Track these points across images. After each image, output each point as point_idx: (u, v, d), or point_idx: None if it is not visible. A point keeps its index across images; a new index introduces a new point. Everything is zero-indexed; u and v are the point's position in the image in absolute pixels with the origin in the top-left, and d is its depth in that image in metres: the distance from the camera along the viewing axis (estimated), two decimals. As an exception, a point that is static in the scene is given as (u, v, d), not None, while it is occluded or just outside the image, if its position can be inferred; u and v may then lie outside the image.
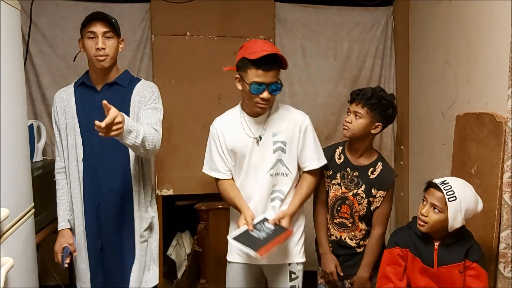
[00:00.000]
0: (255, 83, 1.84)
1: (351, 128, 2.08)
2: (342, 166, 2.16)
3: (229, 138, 2.00)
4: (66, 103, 2.04)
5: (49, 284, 3.07)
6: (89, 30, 1.93)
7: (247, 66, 1.85)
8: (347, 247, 2.16)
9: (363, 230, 2.14)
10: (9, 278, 1.48)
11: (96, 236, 2.04)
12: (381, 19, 3.32)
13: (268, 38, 3.16)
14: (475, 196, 1.82)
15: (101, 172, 2.01)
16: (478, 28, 2.32)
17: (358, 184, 2.11)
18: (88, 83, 2.04)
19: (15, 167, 1.67)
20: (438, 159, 2.79)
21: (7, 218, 1.47)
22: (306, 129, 2.00)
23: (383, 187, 2.10)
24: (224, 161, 2.02)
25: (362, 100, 2.05)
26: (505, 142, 1.98)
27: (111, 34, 1.96)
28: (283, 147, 1.97)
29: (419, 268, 1.90)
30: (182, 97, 3.03)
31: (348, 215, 2.14)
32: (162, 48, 3.06)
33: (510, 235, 1.96)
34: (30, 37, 2.94)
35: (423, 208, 1.85)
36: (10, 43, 1.65)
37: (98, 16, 1.94)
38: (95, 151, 2.00)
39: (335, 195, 2.16)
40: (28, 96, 2.93)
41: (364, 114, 2.05)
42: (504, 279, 1.96)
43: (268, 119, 1.98)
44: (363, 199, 2.10)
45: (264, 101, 1.88)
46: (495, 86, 2.15)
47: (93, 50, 1.94)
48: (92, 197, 2.01)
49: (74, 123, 2.02)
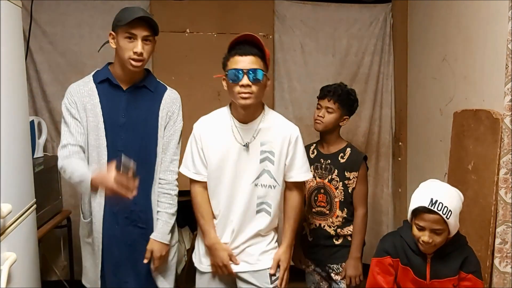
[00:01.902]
0: (233, 70, 1.78)
1: (323, 122, 2.23)
2: (315, 159, 2.32)
3: (214, 141, 1.90)
4: (88, 100, 1.88)
5: (51, 280, 3.09)
6: (129, 31, 1.80)
7: (228, 59, 1.83)
8: (326, 236, 2.25)
9: (340, 217, 2.23)
10: (12, 273, 1.49)
11: (115, 242, 1.94)
12: (379, 16, 3.33)
13: (267, 35, 3.18)
14: (457, 194, 1.80)
15: None
16: (476, 25, 2.33)
17: (330, 170, 2.26)
18: (114, 82, 1.91)
19: (17, 163, 1.68)
20: (435, 155, 2.81)
21: (9, 214, 1.49)
22: (297, 140, 1.93)
23: (354, 167, 2.22)
24: (204, 164, 1.92)
25: (334, 96, 2.21)
26: (502, 139, 1.99)
27: (151, 39, 1.86)
28: (271, 158, 1.88)
29: (410, 278, 1.85)
30: (181, 94, 3.00)
31: (325, 203, 2.26)
32: (162, 45, 3.03)
33: (506, 230, 1.98)
34: (30, 33, 2.95)
35: (424, 236, 1.75)
36: (11, 40, 1.66)
37: (142, 18, 1.80)
38: (117, 154, 1.84)
39: (310, 186, 2.31)
40: (29, 92, 2.94)
41: (335, 109, 2.22)
42: (500, 274, 1.98)
43: (258, 127, 1.88)
44: (338, 182, 2.23)
45: (245, 88, 1.77)
46: (492, 83, 2.16)
47: (129, 52, 1.82)
48: (114, 201, 1.84)
49: (98, 122, 1.88)
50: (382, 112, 3.38)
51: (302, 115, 3.28)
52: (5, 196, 1.50)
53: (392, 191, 3.38)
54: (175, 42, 3.06)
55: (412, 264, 1.85)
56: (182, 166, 1.99)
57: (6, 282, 1.43)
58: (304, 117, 3.28)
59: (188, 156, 1.96)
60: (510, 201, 1.97)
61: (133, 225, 1.96)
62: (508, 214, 1.97)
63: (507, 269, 1.97)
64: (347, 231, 2.24)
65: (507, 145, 1.98)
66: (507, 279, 1.97)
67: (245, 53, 1.78)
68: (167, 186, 1.99)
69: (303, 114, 3.28)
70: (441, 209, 1.70)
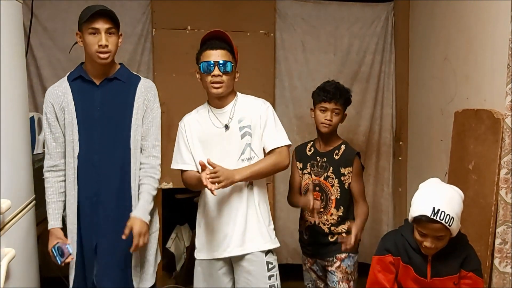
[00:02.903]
0: (204, 62, 1.96)
1: (332, 125, 2.24)
2: (311, 157, 2.34)
3: (197, 130, 2.05)
4: (63, 99, 1.98)
5: (50, 276, 3.09)
6: (92, 26, 1.89)
7: (200, 53, 2.00)
8: (320, 233, 2.26)
9: (334, 215, 2.24)
10: (11, 268, 1.50)
11: (92, 234, 2.00)
12: (381, 15, 3.32)
13: (268, 33, 3.17)
14: (457, 196, 1.77)
15: (100, 169, 1.97)
16: (477, 25, 2.32)
17: (326, 167, 2.27)
18: (86, 78, 1.99)
19: (17, 159, 1.68)
20: (436, 155, 2.81)
21: (9, 210, 1.49)
22: (267, 111, 2.04)
23: (348, 163, 2.25)
24: (191, 153, 2.05)
25: (340, 98, 2.22)
26: (503, 139, 1.99)
27: (114, 31, 1.93)
28: (250, 131, 2.01)
29: (411, 276, 1.86)
30: (182, 91, 3.03)
31: (320, 200, 2.27)
32: (163, 42, 3.07)
33: (506, 230, 1.98)
34: (31, 29, 2.94)
35: (427, 242, 1.76)
36: (12, 36, 1.66)
37: (101, 12, 1.88)
38: (94, 147, 1.97)
39: (306, 184, 2.32)
40: (29, 88, 2.93)
41: (341, 109, 2.25)
42: (500, 274, 1.98)
43: (233, 109, 2.03)
44: (334, 179, 2.25)
45: (216, 78, 1.94)
46: (493, 83, 2.16)
47: (95, 46, 1.89)
48: (89, 194, 1.98)
49: (72, 118, 1.97)
50: (383, 111, 3.38)
51: (303, 113, 3.28)
52: (5, 192, 1.50)
53: (392, 191, 3.38)
54: (176, 39, 3.06)
55: (413, 262, 1.85)
56: (173, 163, 2.09)
57: (4, 278, 1.43)
58: (304, 115, 3.27)
59: (176, 150, 2.09)
60: (511, 201, 1.97)
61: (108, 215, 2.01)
62: (508, 214, 1.97)
63: (507, 269, 1.97)
64: (341, 229, 2.24)
65: (508, 145, 1.97)
66: (506, 279, 1.97)
67: (215, 47, 1.96)
68: (151, 170, 2.05)
69: (303, 113, 3.28)
70: (444, 218, 1.68)
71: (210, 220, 2.04)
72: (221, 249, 2.01)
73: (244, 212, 2.00)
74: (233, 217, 2.00)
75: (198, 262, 2.09)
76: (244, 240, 1.99)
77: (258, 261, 1.99)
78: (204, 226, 2.07)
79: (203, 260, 2.06)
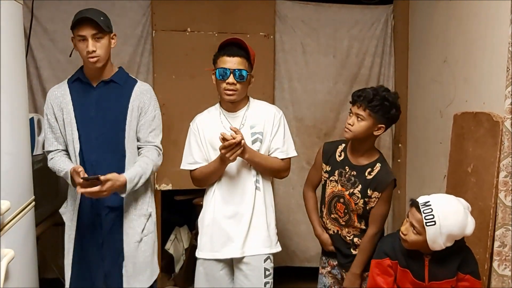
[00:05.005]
0: (221, 68, 1.97)
1: (352, 131, 2.03)
2: (341, 164, 2.15)
3: (209, 132, 2.07)
4: (62, 99, 2.05)
5: (48, 277, 3.08)
6: (78, 34, 1.94)
7: (217, 57, 2.02)
8: (344, 241, 2.16)
9: (357, 228, 2.13)
10: (10, 269, 1.49)
11: (88, 232, 2.03)
12: (381, 17, 3.33)
13: (268, 35, 3.17)
14: (462, 220, 1.71)
15: (98, 167, 2.00)
16: (477, 28, 2.33)
17: (355, 183, 2.09)
18: (83, 80, 2.05)
19: (16, 160, 1.68)
20: (435, 158, 2.81)
21: (8, 211, 1.48)
22: (280, 120, 2.10)
23: (378, 188, 2.05)
24: (203, 152, 2.08)
25: (364, 102, 1.99)
26: (502, 142, 2.00)
27: (101, 35, 1.95)
28: (261, 138, 2.06)
29: (409, 280, 1.87)
30: (182, 93, 3.04)
31: (342, 213, 2.13)
32: (163, 44, 3.07)
33: (505, 233, 1.98)
34: (31, 30, 2.94)
35: (404, 225, 1.81)
36: (12, 37, 1.65)
37: (85, 19, 1.91)
38: (92, 145, 2.02)
39: (332, 192, 2.16)
40: (29, 89, 2.93)
41: (366, 116, 2.00)
42: (498, 277, 1.98)
43: (245, 114, 2.07)
44: (359, 199, 2.08)
45: (230, 86, 1.96)
46: (492, 85, 2.16)
47: (84, 52, 1.95)
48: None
49: (71, 118, 2.03)
50: (382, 113, 3.37)
51: (303, 115, 3.28)
52: (4, 192, 1.50)
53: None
54: (176, 41, 3.06)
55: (411, 266, 1.86)
56: (183, 163, 2.12)
57: (3, 279, 1.42)
58: (304, 117, 3.28)
59: (187, 151, 2.12)
60: (510, 204, 1.97)
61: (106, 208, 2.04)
62: (507, 217, 1.97)
63: (506, 272, 1.98)
64: None
65: (507, 148, 1.98)
66: (505, 282, 1.97)
67: (232, 54, 1.98)
68: (154, 153, 2.12)
69: (303, 115, 3.28)
70: (427, 214, 1.69)
71: (215, 220, 2.05)
72: (223, 250, 2.02)
73: (249, 214, 2.03)
74: (238, 219, 2.02)
75: (200, 262, 2.09)
76: (246, 243, 2.01)
77: (256, 267, 2.02)
78: (208, 225, 2.07)
79: (205, 260, 2.07)
